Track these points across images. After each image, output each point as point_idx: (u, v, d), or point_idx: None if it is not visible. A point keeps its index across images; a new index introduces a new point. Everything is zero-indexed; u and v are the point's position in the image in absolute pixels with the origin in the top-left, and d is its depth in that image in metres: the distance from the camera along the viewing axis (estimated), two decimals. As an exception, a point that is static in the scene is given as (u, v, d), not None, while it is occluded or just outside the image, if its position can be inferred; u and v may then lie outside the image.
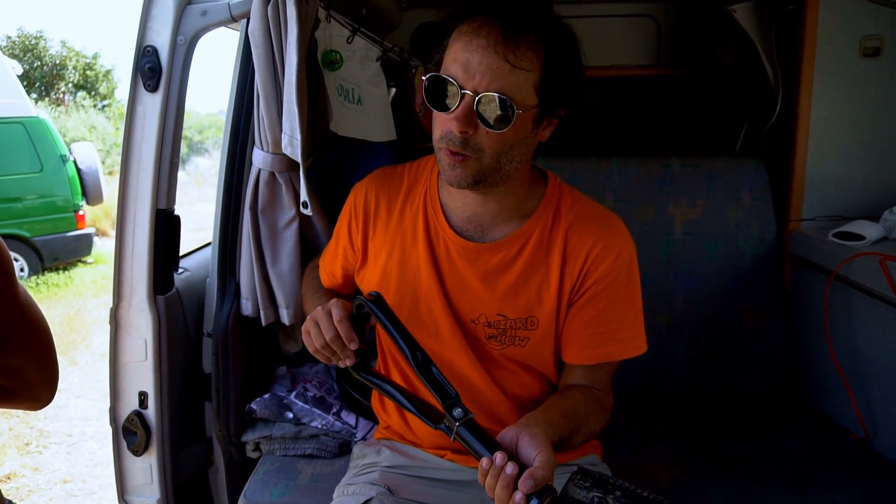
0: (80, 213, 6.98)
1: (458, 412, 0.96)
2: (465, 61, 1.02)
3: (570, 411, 1.09)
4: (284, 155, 1.50)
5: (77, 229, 7.01)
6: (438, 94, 1.05)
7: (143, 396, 1.55)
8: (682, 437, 1.82)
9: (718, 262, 2.09)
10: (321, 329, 1.08)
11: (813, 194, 2.11)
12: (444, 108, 1.05)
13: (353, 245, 1.31)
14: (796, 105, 2.06)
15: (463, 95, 1.02)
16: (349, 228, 1.31)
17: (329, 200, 1.69)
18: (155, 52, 1.45)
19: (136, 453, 1.57)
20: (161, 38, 1.45)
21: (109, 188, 7.74)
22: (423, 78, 1.07)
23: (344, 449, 1.68)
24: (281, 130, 1.46)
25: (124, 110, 1.52)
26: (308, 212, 1.53)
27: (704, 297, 2.08)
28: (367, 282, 1.29)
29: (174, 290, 1.60)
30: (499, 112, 1.02)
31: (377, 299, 1.07)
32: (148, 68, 1.45)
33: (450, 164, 1.08)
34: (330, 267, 1.40)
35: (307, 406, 1.68)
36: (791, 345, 2.09)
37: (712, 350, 2.08)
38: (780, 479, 1.60)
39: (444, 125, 1.07)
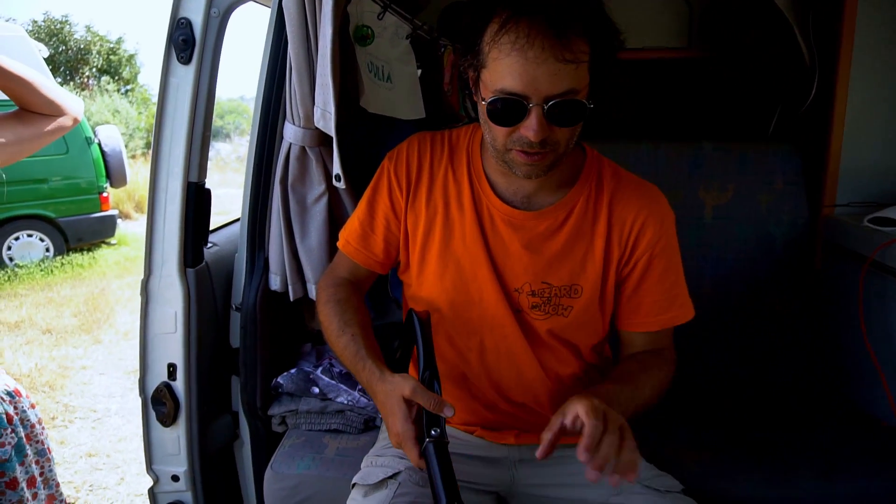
0: (104, 195, 7.06)
1: (435, 431, 0.99)
2: (523, 74, 0.97)
3: (628, 374, 1.16)
4: (316, 129, 1.49)
5: (101, 211, 7.11)
6: (503, 111, 1.02)
7: (171, 368, 1.56)
8: (709, 422, 1.79)
9: (749, 247, 2.05)
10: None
11: (847, 180, 2.06)
12: (512, 122, 1.03)
13: (397, 211, 1.27)
14: (833, 88, 2.02)
15: (531, 108, 0.99)
16: (390, 194, 1.27)
17: (356, 178, 1.68)
18: (189, 24, 1.45)
19: (165, 424, 1.58)
20: (195, 11, 1.45)
21: (132, 171, 7.82)
22: (484, 101, 1.04)
23: (369, 425, 1.69)
24: (313, 104, 1.45)
25: (147, 95, 1.53)
26: (341, 185, 1.52)
27: (734, 282, 2.05)
28: (410, 250, 1.27)
29: (204, 263, 1.60)
30: (570, 112, 1.01)
31: (426, 321, 1.19)
32: (181, 40, 1.45)
33: (525, 163, 1.07)
34: (364, 244, 1.31)
35: (333, 381, 1.68)
36: (822, 332, 2.05)
37: (741, 336, 2.04)
38: (810, 467, 1.57)
39: (512, 133, 1.04)
